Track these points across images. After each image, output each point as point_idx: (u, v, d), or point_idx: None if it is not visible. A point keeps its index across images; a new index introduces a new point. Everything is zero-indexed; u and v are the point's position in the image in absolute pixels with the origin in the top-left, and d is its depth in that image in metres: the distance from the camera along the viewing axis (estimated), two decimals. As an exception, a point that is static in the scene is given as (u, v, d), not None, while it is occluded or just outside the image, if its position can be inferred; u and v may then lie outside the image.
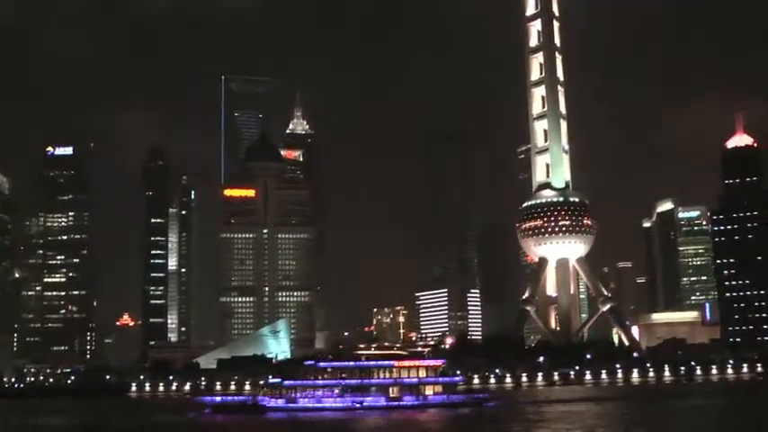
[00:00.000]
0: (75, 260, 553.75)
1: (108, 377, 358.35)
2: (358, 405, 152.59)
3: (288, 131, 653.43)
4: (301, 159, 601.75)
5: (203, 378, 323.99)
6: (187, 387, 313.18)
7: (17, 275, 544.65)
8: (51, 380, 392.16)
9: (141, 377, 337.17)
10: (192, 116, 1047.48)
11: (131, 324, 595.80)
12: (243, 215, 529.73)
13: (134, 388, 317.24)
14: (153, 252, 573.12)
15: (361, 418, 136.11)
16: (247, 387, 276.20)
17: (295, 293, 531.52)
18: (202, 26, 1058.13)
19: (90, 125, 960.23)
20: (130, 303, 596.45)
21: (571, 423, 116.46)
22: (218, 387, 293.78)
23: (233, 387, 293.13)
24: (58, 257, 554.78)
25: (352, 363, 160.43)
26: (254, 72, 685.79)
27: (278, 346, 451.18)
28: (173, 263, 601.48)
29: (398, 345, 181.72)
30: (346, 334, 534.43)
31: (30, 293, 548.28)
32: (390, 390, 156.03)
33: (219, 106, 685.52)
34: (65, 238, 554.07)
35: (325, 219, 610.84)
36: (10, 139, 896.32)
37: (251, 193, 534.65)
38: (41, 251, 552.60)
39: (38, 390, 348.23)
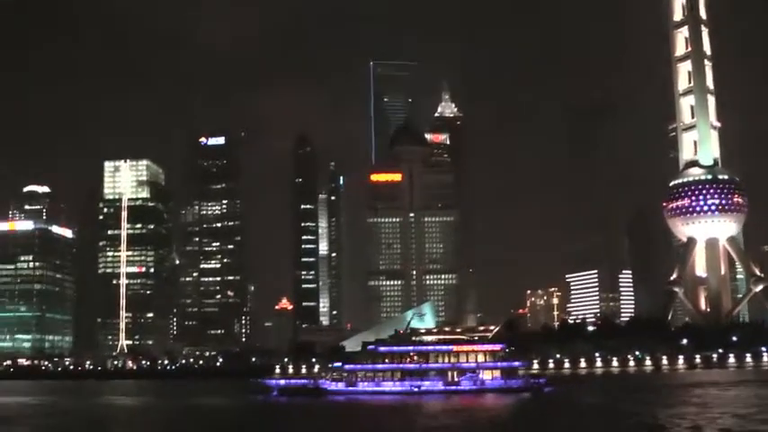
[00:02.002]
0: (229, 246, 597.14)
1: (254, 359, 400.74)
2: (416, 389, 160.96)
3: (436, 115, 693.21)
4: (448, 142, 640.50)
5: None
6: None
7: (177, 262, 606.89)
8: (201, 362, 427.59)
9: (285, 359, 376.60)
10: (340, 102, 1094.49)
11: (289, 308, 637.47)
12: (389, 200, 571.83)
13: (277, 370, 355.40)
14: (303, 237, 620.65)
15: (417, 401, 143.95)
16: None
17: (442, 276, 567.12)
18: (348, 11, 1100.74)
19: (240, 114, 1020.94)
20: (283, 288, 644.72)
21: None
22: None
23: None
24: (214, 244, 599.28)
25: (411, 347, 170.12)
26: (401, 56, 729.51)
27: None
28: (323, 247, 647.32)
29: (459, 329, 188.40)
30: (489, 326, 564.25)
31: (187, 279, 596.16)
32: (448, 374, 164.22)
33: (368, 91, 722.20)
34: (219, 225, 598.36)
35: (471, 201, 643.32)
36: (164, 131, 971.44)
37: (397, 177, 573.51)
38: (197, 238, 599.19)
39: (187, 371, 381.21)
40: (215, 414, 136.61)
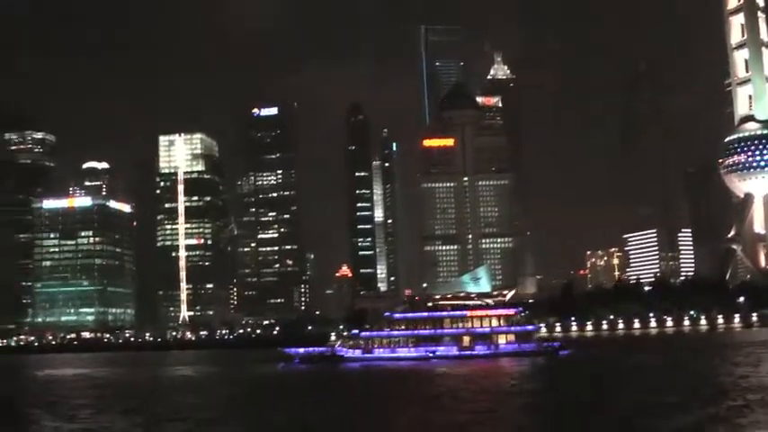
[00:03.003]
0: (285, 216, 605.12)
1: (310, 328, 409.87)
2: (430, 354, 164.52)
3: (489, 77, 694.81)
4: (500, 105, 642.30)
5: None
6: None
7: (235, 233, 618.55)
8: (259, 331, 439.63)
9: (341, 327, 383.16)
10: (391, 68, 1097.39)
11: (349, 275, 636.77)
12: (442, 164, 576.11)
13: (333, 337, 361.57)
14: (359, 205, 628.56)
15: (432, 366, 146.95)
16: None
17: (498, 240, 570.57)
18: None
19: (291, 83, 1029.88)
20: (341, 256, 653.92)
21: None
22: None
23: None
24: (270, 214, 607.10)
25: (425, 313, 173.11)
26: (453, 20, 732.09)
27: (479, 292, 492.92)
28: (378, 214, 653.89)
29: (474, 294, 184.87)
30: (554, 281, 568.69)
31: (245, 250, 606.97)
32: (462, 339, 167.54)
33: (420, 56, 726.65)
34: (275, 195, 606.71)
35: (525, 163, 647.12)
36: (216, 103, 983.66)
37: (449, 142, 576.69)
38: (254, 209, 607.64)
39: (245, 341, 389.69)
40: (215, 383, 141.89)
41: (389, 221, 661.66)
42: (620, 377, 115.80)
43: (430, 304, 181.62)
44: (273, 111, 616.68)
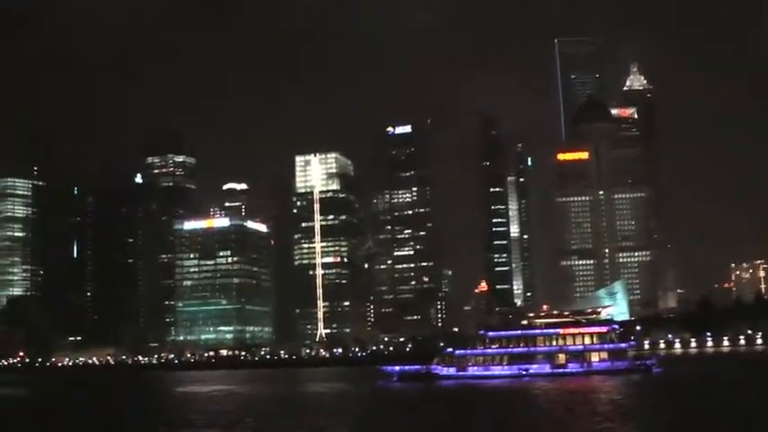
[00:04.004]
0: (421, 233, 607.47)
1: (441, 344, 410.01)
2: (524, 372, 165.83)
3: (625, 88, 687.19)
4: (636, 116, 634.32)
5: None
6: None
7: (371, 251, 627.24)
8: (391, 348, 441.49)
9: (441, 344, 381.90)
10: (525, 83, 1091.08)
11: (487, 291, 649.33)
12: (577, 178, 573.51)
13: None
14: (494, 220, 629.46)
15: (525, 385, 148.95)
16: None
17: (635, 253, 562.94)
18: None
19: (425, 100, 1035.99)
20: (477, 272, 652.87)
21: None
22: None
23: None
24: (406, 231, 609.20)
25: (519, 331, 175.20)
26: (586, 32, 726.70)
27: (615, 307, 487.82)
28: (514, 229, 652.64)
29: (567, 312, 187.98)
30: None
31: (381, 267, 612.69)
32: (557, 357, 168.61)
33: (554, 70, 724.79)
34: (410, 212, 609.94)
35: (664, 175, 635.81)
36: (350, 122, 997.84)
37: (584, 155, 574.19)
38: (389, 226, 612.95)
39: (378, 358, 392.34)
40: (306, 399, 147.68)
41: (525, 236, 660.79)
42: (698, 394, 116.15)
43: (524, 322, 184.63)
44: (407, 128, 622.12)
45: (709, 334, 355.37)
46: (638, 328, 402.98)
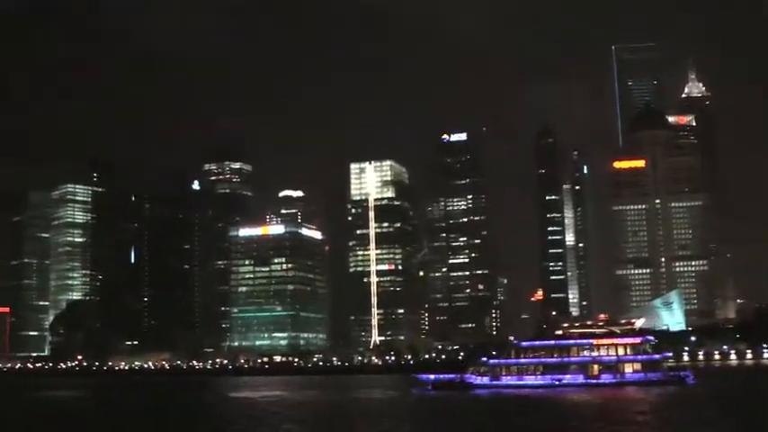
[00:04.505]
0: (476, 241, 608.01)
1: (494, 353, 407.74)
2: (557, 383, 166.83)
3: (683, 95, 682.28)
4: (694, 124, 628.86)
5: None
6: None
7: (426, 258, 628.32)
8: (443, 356, 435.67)
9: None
10: (581, 90, 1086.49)
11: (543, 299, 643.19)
12: (634, 186, 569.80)
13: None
14: (550, 228, 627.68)
15: (558, 395, 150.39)
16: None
17: (692, 263, 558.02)
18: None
19: (481, 108, 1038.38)
20: (532, 280, 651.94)
21: None
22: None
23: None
24: (461, 239, 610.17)
25: (552, 341, 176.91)
26: (644, 39, 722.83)
27: (671, 317, 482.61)
28: (570, 238, 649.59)
29: (601, 323, 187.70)
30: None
31: (436, 275, 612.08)
32: (590, 368, 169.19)
33: (611, 77, 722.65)
34: (465, 220, 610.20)
35: (723, 183, 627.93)
36: (405, 131, 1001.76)
37: (640, 163, 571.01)
38: (444, 234, 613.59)
39: (429, 365, 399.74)
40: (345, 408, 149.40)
41: (581, 245, 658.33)
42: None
43: (559, 332, 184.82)
44: (463, 136, 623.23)
45: (766, 345, 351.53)
46: (692, 338, 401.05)
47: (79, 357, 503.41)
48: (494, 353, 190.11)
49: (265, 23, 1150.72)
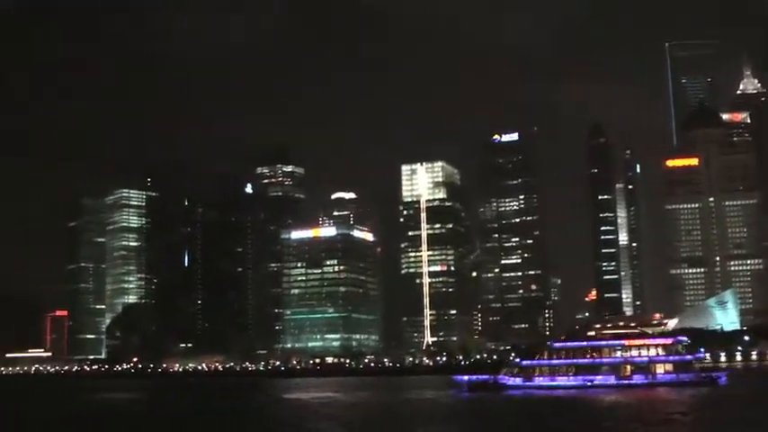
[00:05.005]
0: (528, 241, 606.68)
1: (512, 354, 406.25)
2: (589, 383, 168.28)
3: (738, 92, 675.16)
4: (749, 121, 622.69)
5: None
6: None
7: (478, 259, 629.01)
8: (495, 357, 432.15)
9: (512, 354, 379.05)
10: (634, 88, 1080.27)
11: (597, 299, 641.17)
12: (687, 185, 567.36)
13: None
14: (602, 228, 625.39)
15: (590, 396, 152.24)
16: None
17: (747, 262, 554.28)
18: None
19: (531, 108, 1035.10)
20: (586, 280, 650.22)
21: None
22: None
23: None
24: (513, 240, 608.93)
25: (584, 342, 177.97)
26: (699, 35, 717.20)
27: (725, 316, 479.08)
28: (623, 238, 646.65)
29: (633, 323, 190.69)
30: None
31: (489, 275, 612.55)
32: (622, 368, 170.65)
33: (665, 74, 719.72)
34: (517, 220, 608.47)
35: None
36: (455, 132, 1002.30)
37: (693, 161, 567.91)
38: (496, 234, 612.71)
39: (480, 366, 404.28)
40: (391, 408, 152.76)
41: (634, 244, 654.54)
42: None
43: (591, 333, 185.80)
44: (514, 136, 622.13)
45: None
46: (746, 338, 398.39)
47: (134, 360, 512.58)
48: (528, 354, 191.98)
49: (265, 23, 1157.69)
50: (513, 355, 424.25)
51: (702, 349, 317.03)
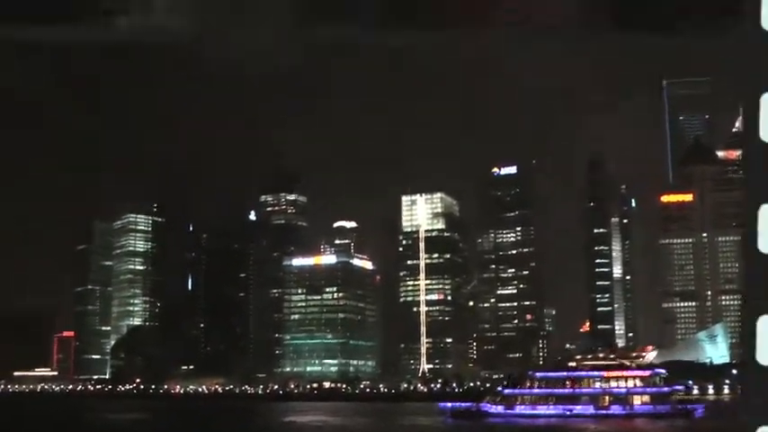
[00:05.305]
0: (524, 272, 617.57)
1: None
2: (568, 413, 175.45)
3: (734, 130, 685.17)
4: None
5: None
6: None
7: (476, 289, 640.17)
8: (488, 384, 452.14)
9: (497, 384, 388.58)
10: (631, 124, 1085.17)
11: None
12: (681, 220, 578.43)
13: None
14: (597, 261, 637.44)
15: (569, 425, 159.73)
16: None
17: (738, 296, 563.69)
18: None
19: (530, 141, 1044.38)
20: (580, 312, 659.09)
21: None
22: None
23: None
24: (509, 271, 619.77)
25: (565, 373, 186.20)
26: (696, 73, 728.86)
27: (715, 350, 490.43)
28: (617, 270, 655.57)
29: (612, 356, 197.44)
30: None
31: (485, 305, 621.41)
32: (599, 399, 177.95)
33: (662, 112, 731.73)
34: (514, 252, 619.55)
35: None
36: (456, 164, 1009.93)
37: (688, 197, 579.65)
38: (493, 266, 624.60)
39: (472, 393, 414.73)
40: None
41: (628, 277, 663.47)
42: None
43: (572, 364, 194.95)
44: (512, 169, 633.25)
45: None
46: (734, 371, 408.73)
47: (137, 380, 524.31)
48: (508, 383, 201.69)
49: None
50: (504, 383, 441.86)
51: (691, 381, 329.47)
